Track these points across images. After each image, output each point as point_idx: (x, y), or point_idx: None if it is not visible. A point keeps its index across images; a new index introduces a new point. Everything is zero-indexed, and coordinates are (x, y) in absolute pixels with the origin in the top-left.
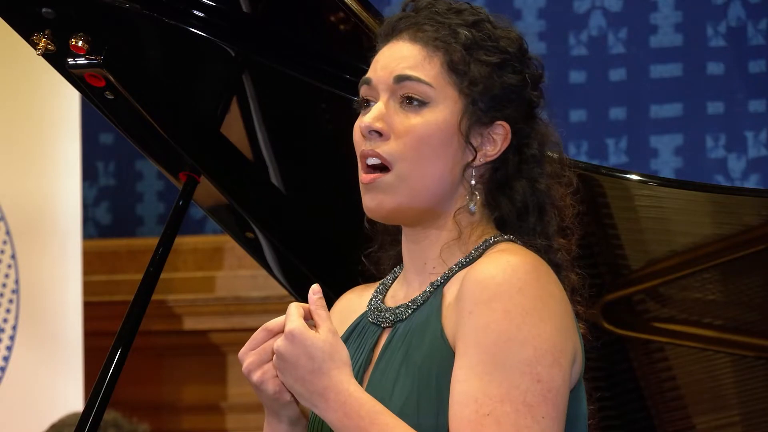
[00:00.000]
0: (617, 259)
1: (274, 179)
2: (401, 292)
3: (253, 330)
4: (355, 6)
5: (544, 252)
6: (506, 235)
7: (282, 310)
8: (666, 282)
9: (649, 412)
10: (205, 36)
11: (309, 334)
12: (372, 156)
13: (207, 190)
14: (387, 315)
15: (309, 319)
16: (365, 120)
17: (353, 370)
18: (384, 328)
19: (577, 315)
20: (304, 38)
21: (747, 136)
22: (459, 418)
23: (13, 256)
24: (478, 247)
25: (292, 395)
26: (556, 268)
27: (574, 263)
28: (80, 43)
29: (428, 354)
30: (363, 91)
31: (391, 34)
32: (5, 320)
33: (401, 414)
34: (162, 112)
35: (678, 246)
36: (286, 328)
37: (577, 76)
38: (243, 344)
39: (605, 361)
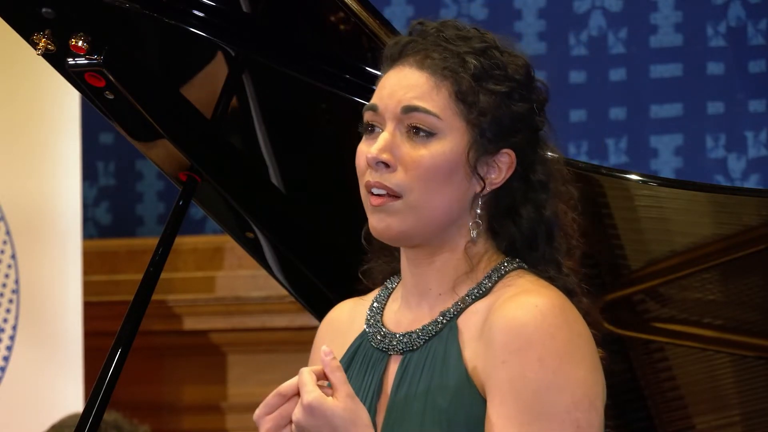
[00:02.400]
0: (617, 259)
1: (274, 179)
2: (404, 316)
3: (253, 330)
4: (355, 6)
5: (555, 280)
6: (513, 260)
7: (282, 310)
8: (666, 282)
9: (649, 412)
10: (205, 36)
11: (328, 404)
12: (379, 187)
13: (207, 190)
14: (394, 342)
15: (321, 378)
16: (372, 151)
17: (363, 399)
18: (391, 355)
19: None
20: (304, 38)
21: (747, 136)
22: None
23: (13, 256)
24: (489, 276)
25: None
26: (569, 293)
27: (582, 284)
28: (80, 43)
29: (454, 400)
30: (368, 116)
31: (398, 59)
32: (5, 320)
33: None
34: (162, 112)
35: (678, 246)
36: (304, 401)
37: (577, 76)
38: (243, 344)
39: (606, 362)
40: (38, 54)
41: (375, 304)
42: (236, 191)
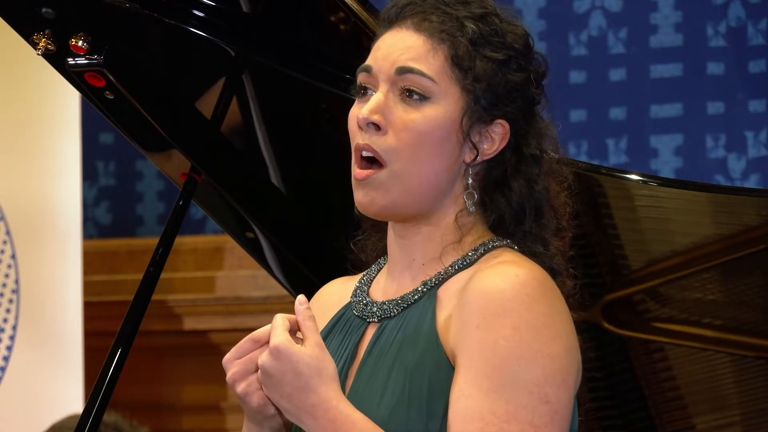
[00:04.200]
0: (617, 259)
1: (274, 179)
2: (389, 286)
3: (253, 330)
4: (355, 6)
5: (541, 258)
6: (503, 239)
7: (282, 310)
8: (666, 282)
9: (649, 412)
10: (205, 36)
11: (295, 350)
12: (368, 150)
13: (207, 190)
14: (374, 309)
15: (295, 330)
16: (363, 111)
17: (337, 364)
18: (369, 322)
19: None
20: (304, 38)
21: (747, 136)
22: None
23: (13, 256)
24: (475, 249)
25: (277, 409)
26: (553, 273)
27: (569, 266)
28: (80, 43)
29: (421, 359)
30: (361, 78)
31: (395, 21)
32: (5, 320)
33: (390, 419)
34: (162, 111)
35: (678, 246)
36: (271, 343)
37: (577, 76)
38: None
39: (605, 361)
40: (38, 54)
41: (364, 278)
42: (236, 191)
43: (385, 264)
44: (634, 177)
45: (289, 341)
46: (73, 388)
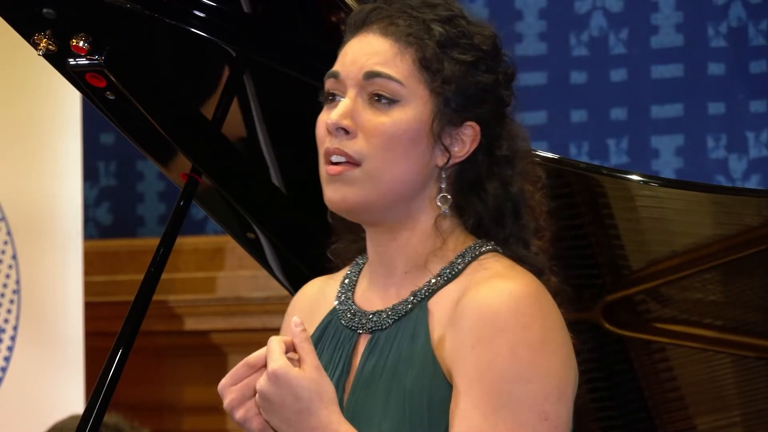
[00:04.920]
0: (618, 260)
1: (275, 179)
2: (374, 295)
3: (254, 330)
4: (355, 6)
5: (526, 260)
6: (487, 242)
7: (283, 310)
8: (667, 282)
9: (650, 413)
10: (206, 36)
11: (294, 374)
12: (338, 154)
13: (208, 191)
14: (363, 321)
15: (291, 351)
16: (332, 117)
17: (331, 376)
18: (360, 333)
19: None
20: (304, 38)
21: (748, 137)
22: None
23: (14, 257)
24: (462, 256)
25: None
26: (538, 272)
27: (551, 263)
28: (81, 44)
29: (418, 378)
30: (329, 84)
31: (362, 26)
32: (6, 321)
33: None
34: (163, 112)
35: (679, 246)
36: (270, 368)
37: (577, 77)
38: (244, 345)
39: (606, 362)
40: (39, 54)
41: (346, 281)
42: (237, 191)
43: (363, 264)
44: (634, 177)
45: (288, 365)
46: (74, 388)
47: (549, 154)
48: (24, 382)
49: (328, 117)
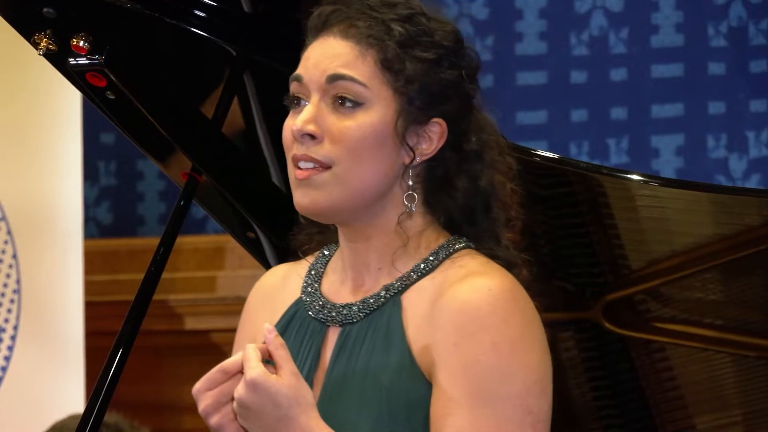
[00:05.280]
0: (618, 259)
1: (275, 178)
2: (344, 287)
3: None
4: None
5: (496, 252)
6: (460, 239)
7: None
8: (667, 282)
9: (650, 412)
10: (206, 36)
11: (272, 381)
12: (306, 160)
13: (208, 190)
14: (333, 314)
15: (267, 358)
16: (297, 123)
17: (300, 370)
18: (329, 326)
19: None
20: (304, 38)
21: (748, 136)
22: None
23: (14, 256)
24: (436, 253)
25: None
26: (509, 266)
27: (521, 254)
28: (81, 43)
29: (395, 376)
30: (293, 87)
31: (322, 29)
32: (6, 320)
33: None
34: (163, 111)
35: (679, 246)
36: (247, 376)
37: (578, 76)
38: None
39: (607, 361)
40: (39, 54)
41: (312, 272)
42: (237, 191)
43: (330, 256)
44: (635, 177)
45: (265, 373)
46: (75, 387)
47: (549, 154)
48: (24, 381)
49: (293, 123)
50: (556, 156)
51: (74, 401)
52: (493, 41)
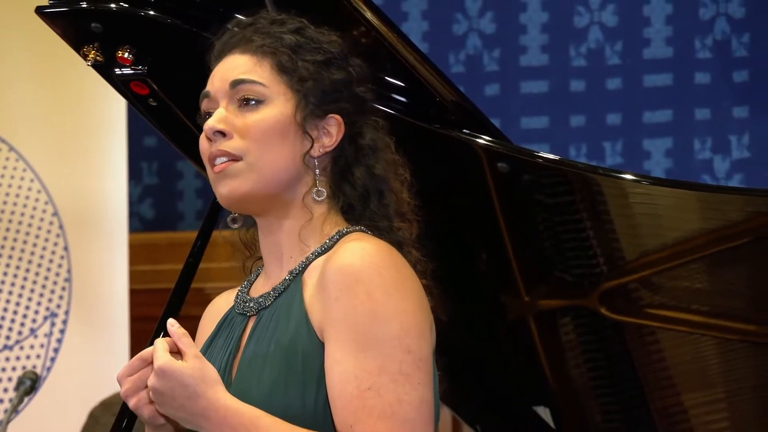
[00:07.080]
0: (613, 251)
1: None
2: (266, 283)
3: None
4: (375, 21)
5: (387, 232)
6: (356, 225)
7: None
8: (658, 272)
9: (642, 389)
10: None
11: (177, 366)
12: (220, 155)
13: None
14: (251, 304)
15: (176, 351)
16: (209, 123)
17: (223, 359)
18: (249, 316)
19: (426, 288)
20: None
21: (731, 140)
22: (342, 396)
23: (65, 248)
24: (332, 237)
25: (167, 419)
26: (398, 245)
27: (414, 240)
28: (126, 55)
29: (294, 337)
30: (204, 105)
31: (223, 52)
32: (59, 306)
33: (270, 395)
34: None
35: (669, 239)
36: (156, 365)
37: (576, 85)
38: None
39: (603, 344)
40: (88, 65)
41: (245, 283)
42: None
43: (261, 270)
44: (628, 177)
45: (171, 360)
46: (120, 367)
47: (551, 156)
48: (75, 360)
49: (206, 126)
50: (556, 157)
51: None
52: (500, 53)
